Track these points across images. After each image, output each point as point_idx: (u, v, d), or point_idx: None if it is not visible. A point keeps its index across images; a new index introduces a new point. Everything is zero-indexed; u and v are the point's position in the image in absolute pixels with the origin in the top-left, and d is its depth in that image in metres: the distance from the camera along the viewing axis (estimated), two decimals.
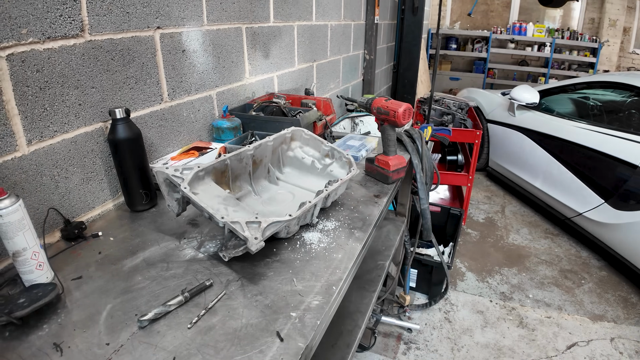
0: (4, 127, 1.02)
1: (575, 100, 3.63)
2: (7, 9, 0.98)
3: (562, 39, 7.73)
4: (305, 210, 1.09)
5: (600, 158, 2.96)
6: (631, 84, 3.12)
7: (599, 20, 7.95)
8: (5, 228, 0.87)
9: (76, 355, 0.77)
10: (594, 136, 3.05)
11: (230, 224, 0.96)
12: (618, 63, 8.01)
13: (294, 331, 0.82)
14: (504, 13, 8.42)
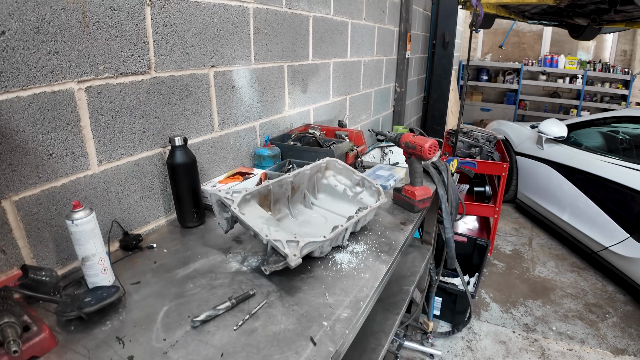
0: (80, 148, 1.20)
1: (604, 134, 3.65)
2: (88, 47, 1.17)
3: (594, 71, 7.71)
4: (337, 233, 1.22)
5: (625, 192, 2.97)
6: None
7: (631, 52, 7.91)
8: (78, 236, 1.03)
9: (137, 348, 0.90)
10: (620, 170, 3.07)
11: (272, 242, 1.09)
12: None
13: (325, 337, 0.93)
14: (536, 45, 8.48)
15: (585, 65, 7.79)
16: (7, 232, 1.06)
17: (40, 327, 0.90)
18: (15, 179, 1.05)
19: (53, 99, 1.10)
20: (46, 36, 1.06)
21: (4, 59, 0.98)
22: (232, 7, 1.66)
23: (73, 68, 1.13)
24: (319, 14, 2.30)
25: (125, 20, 1.26)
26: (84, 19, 1.14)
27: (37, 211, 1.11)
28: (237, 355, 0.88)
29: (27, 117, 1.05)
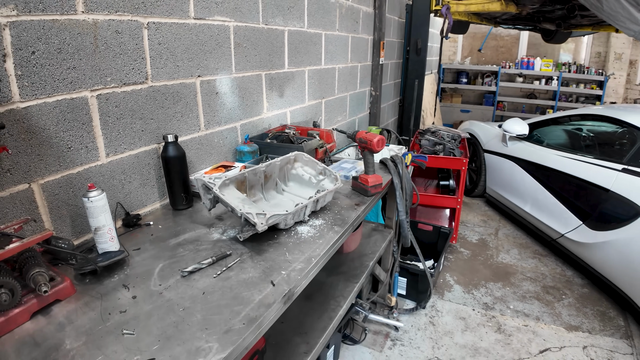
0: (92, 143, 1.51)
1: (569, 132, 3.98)
2: (98, 63, 1.48)
3: (569, 73, 8.10)
4: (298, 209, 1.54)
5: (578, 183, 3.29)
6: (612, 116, 3.45)
7: (605, 54, 8.31)
8: (92, 210, 1.33)
9: (139, 291, 1.21)
10: (573, 164, 3.38)
11: (245, 214, 1.41)
12: (625, 95, 8.30)
13: (282, 281, 1.25)
14: (513, 48, 8.87)
15: (560, 67, 8.19)
16: (34, 209, 1.37)
17: (63, 278, 1.19)
18: (42, 167, 1.36)
19: (72, 104, 1.42)
20: (66, 55, 1.38)
21: (35, 73, 1.30)
22: (215, 26, 1.98)
23: (87, 80, 1.45)
24: (293, 27, 2.63)
25: (128, 41, 1.57)
26: (95, 41, 1.46)
27: (58, 192, 1.43)
28: (215, 293, 1.19)
29: (52, 118, 1.37)
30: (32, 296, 1.12)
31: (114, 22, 1.51)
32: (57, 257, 1.36)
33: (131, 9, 1.56)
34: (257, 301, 1.15)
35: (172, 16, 1.74)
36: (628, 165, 2.94)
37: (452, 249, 3.86)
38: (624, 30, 3.11)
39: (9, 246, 1.10)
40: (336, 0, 3.19)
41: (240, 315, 1.09)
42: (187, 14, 1.81)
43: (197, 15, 1.86)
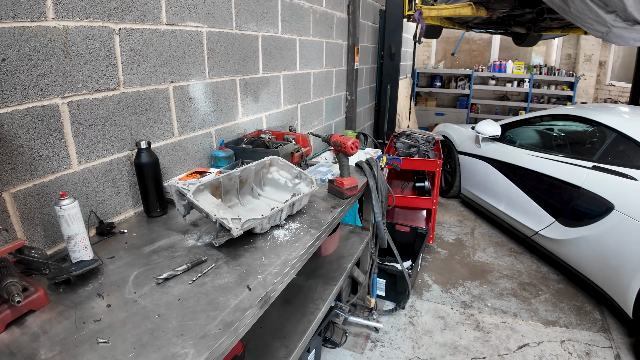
0: (64, 151, 1.49)
1: (540, 132, 4.09)
2: (69, 70, 1.47)
3: (541, 75, 8.34)
4: (274, 213, 1.55)
5: (550, 181, 3.38)
6: (582, 115, 3.56)
7: (575, 56, 8.59)
8: (65, 219, 1.31)
9: (113, 299, 1.20)
10: (545, 163, 3.48)
11: (220, 219, 1.41)
12: (595, 95, 8.59)
13: (258, 285, 1.26)
14: (485, 52, 9.09)
15: (532, 69, 8.42)
16: (6, 218, 1.34)
17: (36, 288, 1.18)
18: (13, 175, 1.34)
19: (43, 112, 1.40)
20: (37, 62, 1.36)
21: (5, 80, 1.28)
22: (188, 32, 1.98)
23: (58, 87, 1.43)
24: (267, 33, 2.65)
25: (99, 47, 1.56)
26: (66, 48, 1.44)
27: (30, 201, 1.40)
28: (191, 299, 1.19)
29: (22, 126, 1.35)
30: (5, 307, 1.10)
31: (85, 29, 1.50)
32: (30, 267, 1.33)
33: (102, 15, 1.55)
34: (233, 306, 1.15)
35: (144, 22, 1.74)
36: (598, 162, 3.04)
37: (429, 249, 3.91)
38: (592, 31, 3.22)
39: None
40: (310, 6, 3.22)
41: (216, 320, 1.09)
42: (159, 19, 1.80)
43: (169, 21, 1.86)
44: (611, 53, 8.31)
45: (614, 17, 2.94)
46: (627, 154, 2.94)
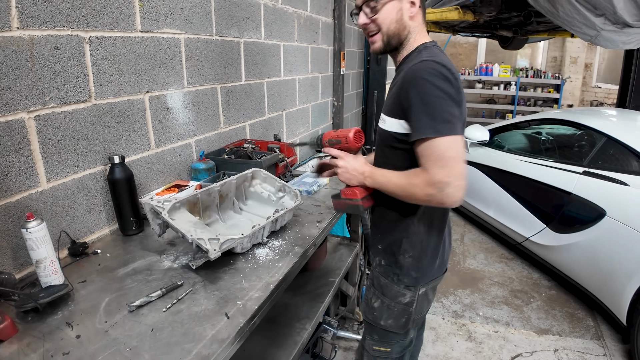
0: (31, 168, 1.39)
1: (528, 136, 4.08)
2: (36, 82, 1.37)
3: (527, 78, 8.39)
4: (255, 231, 1.47)
5: (540, 187, 3.36)
6: (571, 120, 3.55)
7: (561, 59, 8.67)
8: (32, 242, 1.21)
9: (83, 329, 1.11)
10: (534, 168, 3.46)
11: (197, 240, 1.33)
12: (581, 97, 8.67)
13: (237, 313, 1.17)
14: (472, 55, 9.13)
15: (518, 72, 8.47)
16: None
17: (4, 316, 1.08)
18: None
19: (7, 127, 1.30)
20: (0, 75, 1.26)
21: None
22: (164, 39, 1.89)
23: (23, 100, 1.34)
24: (249, 39, 2.56)
25: (67, 57, 1.46)
26: (32, 59, 1.35)
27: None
28: (165, 329, 1.10)
29: None
30: None
31: (52, 38, 1.40)
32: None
33: (71, 23, 1.46)
34: (210, 337, 1.07)
35: (117, 30, 1.64)
36: (588, 167, 3.02)
37: None
38: (580, 35, 3.20)
39: None
40: (294, 11, 3.15)
41: (192, 354, 1.01)
42: (133, 27, 1.71)
43: (144, 28, 1.77)
44: (596, 55, 8.40)
45: (603, 20, 2.92)
46: (618, 158, 2.92)
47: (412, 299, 1.40)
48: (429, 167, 1.12)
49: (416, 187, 1.15)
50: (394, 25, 1.28)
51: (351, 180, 1.36)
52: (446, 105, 1.12)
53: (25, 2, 1.31)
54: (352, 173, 1.34)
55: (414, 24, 1.30)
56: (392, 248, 1.40)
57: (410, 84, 1.16)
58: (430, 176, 1.11)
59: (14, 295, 1.23)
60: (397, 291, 1.40)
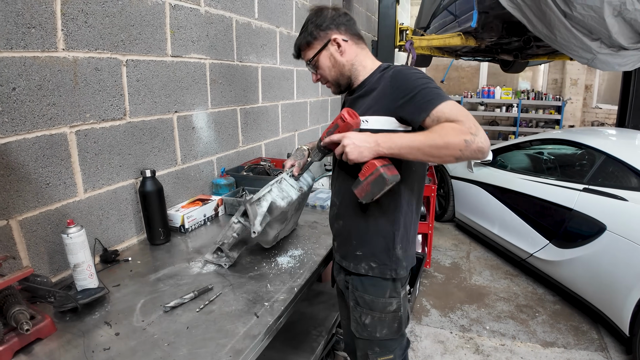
0: (70, 179, 1.51)
1: (530, 156, 4.17)
2: (77, 99, 1.50)
3: (528, 100, 8.54)
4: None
5: (542, 204, 3.43)
6: (571, 139, 3.64)
7: (561, 81, 8.84)
8: (72, 247, 1.32)
9: (121, 328, 1.20)
10: (537, 186, 3.54)
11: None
12: (582, 118, 8.79)
13: (266, 313, 1.27)
14: (474, 78, 9.33)
15: (519, 94, 8.64)
16: (12, 245, 1.35)
17: (44, 316, 1.18)
18: (20, 203, 1.35)
19: (51, 140, 1.42)
20: (46, 91, 1.39)
21: (15, 109, 1.31)
22: (192, 64, 2.04)
23: (66, 116, 1.46)
24: (266, 64, 2.72)
25: (107, 78, 1.60)
26: (75, 78, 1.48)
27: (36, 229, 1.41)
28: (199, 327, 1.20)
29: (31, 154, 1.37)
30: (13, 334, 1.10)
31: (94, 60, 1.54)
32: (35, 295, 1.33)
33: (110, 47, 1.60)
34: (242, 333, 1.16)
35: (150, 54, 1.79)
36: (588, 184, 3.11)
37: (426, 274, 3.92)
38: (577, 58, 3.33)
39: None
40: None
41: (226, 347, 1.10)
42: (164, 51, 1.86)
43: (174, 53, 1.92)
44: (596, 77, 8.57)
45: (599, 44, 3.05)
46: (617, 175, 3.01)
47: (398, 304, 1.43)
48: (455, 119, 1.11)
49: (449, 136, 1.09)
50: (333, 70, 1.39)
51: (363, 153, 1.20)
52: (435, 84, 1.21)
53: (71, 26, 1.45)
54: (362, 144, 1.19)
55: (348, 58, 1.37)
56: (385, 244, 1.37)
57: (400, 80, 1.23)
58: (461, 124, 1.09)
59: (52, 297, 1.32)
60: (384, 302, 1.42)
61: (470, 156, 1.09)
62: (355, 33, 1.41)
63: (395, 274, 1.40)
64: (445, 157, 1.12)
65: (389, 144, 1.18)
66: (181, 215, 1.87)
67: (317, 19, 1.38)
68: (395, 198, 1.34)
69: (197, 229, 1.97)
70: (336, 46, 1.36)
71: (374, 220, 1.37)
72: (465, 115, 1.12)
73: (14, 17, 1.28)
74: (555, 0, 3.01)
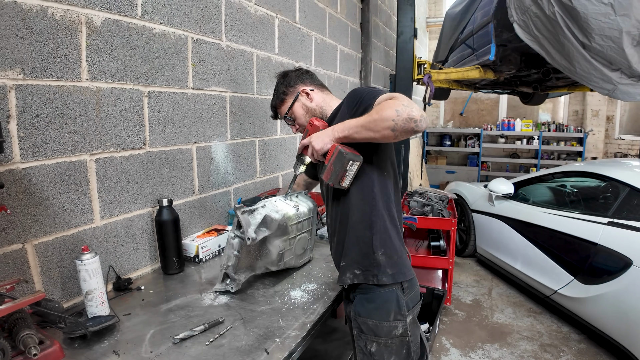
0: (88, 206, 1.53)
1: (552, 189, 4.08)
2: (99, 128, 1.53)
3: (549, 132, 8.42)
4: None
5: (566, 239, 3.32)
6: (594, 171, 3.56)
7: (582, 112, 8.71)
8: (85, 273, 1.32)
9: (130, 358, 1.17)
10: (560, 220, 3.44)
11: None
12: (605, 149, 8.60)
13: (276, 349, 1.23)
14: (493, 111, 9.28)
15: (540, 126, 8.53)
16: (26, 269, 1.36)
17: (52, 341, 1.17)
18: (36, 227, 1.37)
19: (71, 167, 1.45)
20: (69, 119, 1.43)
21: (37, 135, 1.34)
22: (212, 96, 2.08)
23: (87, 144, 1.50)
24: None
25: (128, 108, 1.64)
26: (97, 107, 1.52)
27: (51, 254, 1.42)
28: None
29: (50, 180, 1.39)
30: (21, 358, 1.09)
31: (116, 90, 1.59)
32: (45, 320, 1.32)
33: (133, 78, 1.65)
34: None
35: (172, 86, 1.83)
36: (613, 218, 3.01)
37: (446, 311, 3.79)
38: (598, 89, 3.29)
39: (1, 306, 1.08)
40: (325, 72, 3.39)
41: None
42: (185, 84, 1.91)
43: (195, 86, 1.96)
44: (618, 108, 8.43)
45: (619, 74, 3.02)
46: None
47: (404, 328, 1.41)
48: (390, 97, 1.28)
49: (383, 109, 1.23)
50: (307, 116, 1.60)
51: (324, 140, 1.37)
52: (382, 90, 1.43)
53: (95, 57, 1.50)
54: (322, 136, 1.38)
55: (317, 103, 1.59)
56: (364, 250, 1.42)
57: (351, 95, 1.45)
58: (394, 99, 1.25)
59: (62, 323, 1.31)
60: (388, 326, 1.40)
61: (404, 126, 1.20)
62: (319, 83, 1.66)
63: (377, 279, 1.40)
64: (382, 130, 1.23)
65: (341, 127, 1.35)
66: (196, 245, 1.87)
67: (285, 80, 1.63)
68: (370, 201, 1.42)
69: (212, 259, 1.95)
70: (305, 96, 1.59)
71: (352, 228, 1.44)
72: (400, 94, 1.28)
73: (39, 47, 1.33)
74: (573, 32, 3.01)
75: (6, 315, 1.12)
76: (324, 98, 1.61)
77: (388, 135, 1.24)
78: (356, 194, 1.43)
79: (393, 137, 1.24)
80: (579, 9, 2.86)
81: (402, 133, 1.22)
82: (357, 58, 4.30)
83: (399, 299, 1.41)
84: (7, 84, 1.26)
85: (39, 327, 1.25)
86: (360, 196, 1.42)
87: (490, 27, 4.14)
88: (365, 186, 1.42)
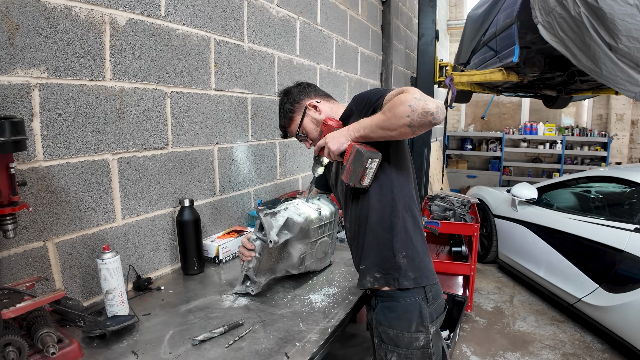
0: (109, 205, 1.53)
1: (577, 194, 3.96)
2: (122, 128, 1.54)
3: (573, 136, 8.21)
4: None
5: (591, 245, 3.22)
6: (620, 177, 3.45)
7: (606, 116, 8.46)
8: (105, 272, 1.32)
9: (149, 358, 1.16)
10: (584, 226, 3.33)
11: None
12: (630, 154, 8.34)
13: (297, 353, 1.20)
14: (516, 115, 9.09)
15: (563, 131, 8.33)
16: (47, 267, 1.36)
17: (71, 340, 1.17)
18: (58, 226, 1.38)
19: (93, 166, 1.46)
20: (92, 119, 1.44)
21: (60, 134, 1.35)
22: (234, 97, 2.08)
23: (110, 143, 1.50)
24: None
25: (151, 108, 1.65)
26: (121, 107, 1.53)
27: (71, 252, 1.43)
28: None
29: (72, 179, 1.40)
30: (38, 357, 1.09)
31: (140, 90, 1.59)
32: (65, 318, 1.33)
33: (156, 78, 1.65)
34: None
35: (194, 87, 1.83)
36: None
37: (467, 318, 3.71)
38: (624, 92, 3.20)
39: (21, 304, 1.09)
40: (346, 75, 3.36)
41: None
42: (208, 85, 1.91)
43: (217, 87, 1.96)
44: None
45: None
46: None
47: (426, 340, 1.35)
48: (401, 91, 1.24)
49: (395, 106, 1.19)
50: (319, 129, 1.55)
51: (340, 140, 1.35)
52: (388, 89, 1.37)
53: (119, 57, 1.51)
54: (337, 136, 1.36)
55: (325, 114, 1.56)
56: (384, 252, 1.37)
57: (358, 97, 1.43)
58: (406, 93, 1.20)
59: (81, 322, 1.32)
60: (410, 337, 1.34)
61: (420, 121, 1.16)
62: (323, 94, 1.64)
63: (398, 283, 1.35)
64: (399, 127, 1.20)
65: (357, 127, 1.32)
66: (216, 246, 1.86)
67: (289, 97, 1.60)
68: (390, 202, 1.38)
69: (231, 260, 1.95)
70: (313, 109, 1.56)
71: (372, 231, 1.40)
72: (411, 87, 1.24)
73: (63, 46, 1.34)
74: (600, 33, 2.93)
75: (25, 313, 1.12)
76: (332, 107, 1.60)
77: (405, 132, 1.21)
78: (374, 195, 1.38)
79: (411, 133, 1.21)
80: (605, 9, 2.77)
81: (420, 127, 1.18)
82: (377, 60, 4.26)
83: (422, 309, 1.34)
84: (31, 83, 1.27)
85: (58, 326, 1.26)
86: (378, 197, 1.38)
87: (513, 29, 4.05)
88: (383, 186, 1.38)
